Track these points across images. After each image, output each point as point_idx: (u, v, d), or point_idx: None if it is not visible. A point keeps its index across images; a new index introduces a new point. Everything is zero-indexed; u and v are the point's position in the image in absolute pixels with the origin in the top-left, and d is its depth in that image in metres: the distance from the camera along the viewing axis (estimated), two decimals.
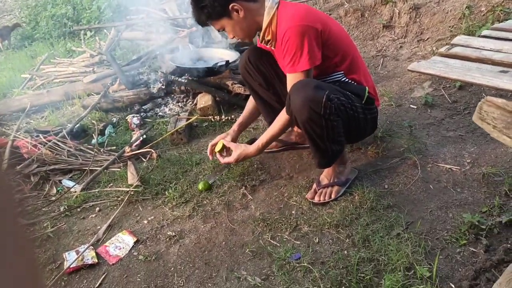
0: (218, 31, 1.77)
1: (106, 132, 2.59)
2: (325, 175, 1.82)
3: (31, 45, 5.51)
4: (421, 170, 1.87)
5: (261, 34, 1.71)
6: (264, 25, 1.66)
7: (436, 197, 1.72)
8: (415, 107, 2.41)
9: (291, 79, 1.62)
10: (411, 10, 3.27)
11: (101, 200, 1.99)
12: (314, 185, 1.83)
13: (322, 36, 1.59)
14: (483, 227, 1.48)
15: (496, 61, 0.97)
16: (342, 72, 1.71)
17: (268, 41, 1.72)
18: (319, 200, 1.77)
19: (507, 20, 2.71)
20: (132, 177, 2.06)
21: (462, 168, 1.85)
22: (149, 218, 1.84)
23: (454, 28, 2.98)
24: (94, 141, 2.48)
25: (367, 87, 1.73)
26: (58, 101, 3.10)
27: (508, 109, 0.68)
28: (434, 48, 2.90)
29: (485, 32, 1.18)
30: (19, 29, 5.72)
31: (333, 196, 1.77)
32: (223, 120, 2.50)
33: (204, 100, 2.64)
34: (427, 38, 3.09)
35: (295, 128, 2.09)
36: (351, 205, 1.73)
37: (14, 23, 5.72)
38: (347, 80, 1.71)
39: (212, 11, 1.62)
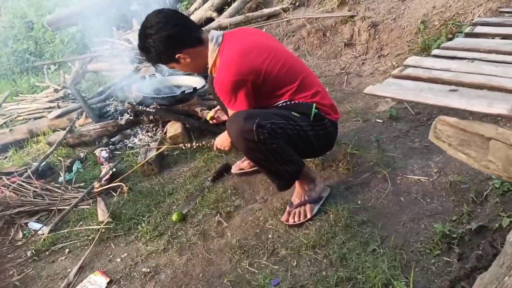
0: None
1: (74, 168, 2.52)
2: (296, 195, 1.83)
3: None
4: (391, 183, 1.90)
5: (209, 71, 1.82)
6: (209, 66, 1.77)
7: (408, 209, 1.75)
8: (381, 121, 2.47)
9: (230, 113, 1.73)
10: (369, 27, 3.40)
11: (70, 241, 1.92)
12: (288, 207, 1.82)
13: (256, 83, 1.66)
14: (455, 235, 1.51)
15: (445, 80, 1.02)
16: (288, 99, 1.73)
17: (212, 78, 1.82)
18: (294, 222, 1.76)
19: (459, 33, 2.86)
20: (102, 213, 2.00)
21: (430, 178, 1.89)
22: (122, 256, 1.78)
23: (411, 42, 3.11)
24: (61, 178, 2.40)
25: (314, 104, 1.72)
26: (22, 140, 3.00)
27: (460, 127, 0.70)
28: (394, 63, 3.02)
29: (435, 51, 1.24)
30: None
31: (308, 215, 1.77)
32: (194, 147, 2.48)
33: (173, 128, 2.62)
34: (387, 54, 3.21)
35: None
36: (326, 224, 1.73)
37: None
38: (293, 102, 1.73)
39: (159, 59, 1.75)
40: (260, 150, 1.58)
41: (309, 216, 1.77)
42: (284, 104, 1.73)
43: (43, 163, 2.52)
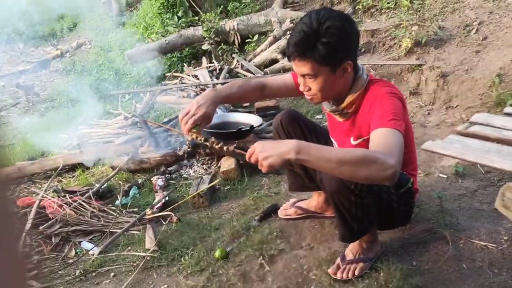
0: (298, 76, 1.47)
1: (131, 193, 2.63)
2: (351, 249, 1.71)
3: (74, 106, 5.89)
4: (453, 247, 1.73)
5: (340, 106, 1.53)
6: (350, 98, 1.49)
7: (470, 278, 1.56)
8: (445, 176, 2.30)
9: (382, 134, 1.29)
10: (438, 77, 3.27)
11: (117, 265, 1.96)
12: (338, 260, 1.72)
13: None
14: None
15: None
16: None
17: (344, 113, 1.56)
18: (342, 277, 1.65)
19: None
20: (149, 241, 2.04)
21: (499, 246, 1.69)
22: (162, 287, 1.78)
23: (484, 96, 2.92)
24: (118, 202, 2.51)
25: (411, 179, 1.62)
26: (90, 161, 3.22)
27: None
28: (463, 116, 2.84)
29: (507, 109, 1.13)
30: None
31: (357, 273, 1.65)
32: (245, 184, 2.48)
33: (227, 163, 2.66)
34: (456, 106, 3.04)
35: (317, 197, 2.03)
36: (376, 283, 1.60)
37: None
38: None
39: (328, 55, 1.35)
40: (349, 199, 1.47)
41: (357, 274, 1.65)
42: None
43: (104, 186, 2.66)
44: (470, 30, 3.54)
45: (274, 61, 4.50)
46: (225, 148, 1.46)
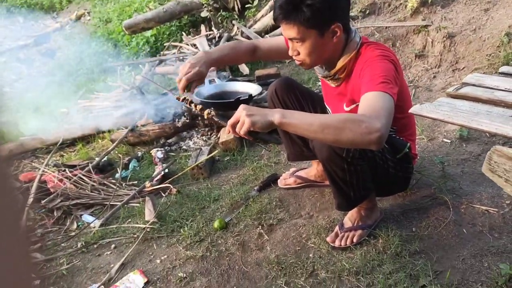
0: (286, 39, 1.44)
1: (130, 166, 2.62)
2: (349, 217, 1.70)
3: (75, 80, 5.84)
4: (453, 212, 1.70)
5: (332, 71, 1.49)
6: (341, 62, 1.45)
7: (470, 243, 1.54)
8: (449, 141, 2.24)
9: (370, 98, 1.24)
10: (445, 38, 3.13)
11: (117, 237, 1.98)
12: (337, 228, 1.71)
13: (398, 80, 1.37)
14: None
15: (509, 103, 0.85)
16: (395, 127, 1.54)
17: (336, 78, 1.52)
18: (340, 245, 1.64)
19: None
20: (149, 213, 2.04)
21: (500, 210, 1.66)
22: (162, 257, 1.80)
23: (492, 56, 2.80)
24: (118, 175, 2.51)
25: (409, 144, 1.58)
26: (90, 135, 3.20)
27: None
28: None
29: (503, 68, 1.06)
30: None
31: (355, 241, 1.64)
32: (245, 154, 2.45)
33: (227, 134, 2.62)
34: (463, 68, 2.93)
35: (316, 165, 2.00)
36: (374, 250, 1.59)
37: None
38: (393, 135, 1.57)
39: (313, 17, 1.31)
40: (342, 167, 1.44)
41: (355, 241, 1.64)
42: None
43: (104, 159, 2.66)
44: None
45: (275, 26, 4.35)
46: (205, 115, 1.46)
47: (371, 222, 1.69)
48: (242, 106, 1.21)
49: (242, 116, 1.18)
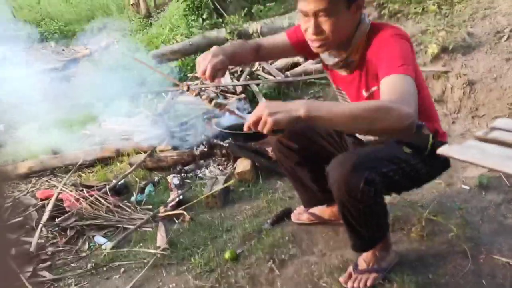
0: (311, 16, 1.31)
1: (146, 190, 2.65)
2: (364, 258, 1.65)
3: (100, 104, 6.02)
4: (472, 261, 1.65)
5: (345, 53, 1.41)
6: (356, 41, 1.38)
7: None
8: (468, 187, 2.20)
9: (392, 81, 1.20)
10: (465, 85, 3.15)
11: (127, 261, 1.97)
12: (350, 268, 1.66)
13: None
14: None
15: None
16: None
17: (349, 62, 1.44)
18: (353, 287, 1.60)
19: None
20: (161, 239, 2.04)
21: None
22: (170, 285, 1.77)
23: None
24: (133, 198, 2.53)
25: (431, 134, 1.46)
26: (109, 157, 3.27)
27: None
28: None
29: None
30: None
31: (369, 284, 1.59)
32: (260, 186, 2.45)
33: (243, 164, 2.64)
34: (483, 115, 2.92)
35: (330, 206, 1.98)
36: None
37: None
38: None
39: None
40: (356, 207, 1.38)
41: (369, 284, 1.59)
42: None
43: (121, 182, 2.69)
44: (501, 37, 3.40)
45: (296, 64, 4.45)
46: (219, 109, 1.40)
47: (386, 265, 1.65)
48: (262, 103, 1.11)
49: (264, 116, 1.08)
